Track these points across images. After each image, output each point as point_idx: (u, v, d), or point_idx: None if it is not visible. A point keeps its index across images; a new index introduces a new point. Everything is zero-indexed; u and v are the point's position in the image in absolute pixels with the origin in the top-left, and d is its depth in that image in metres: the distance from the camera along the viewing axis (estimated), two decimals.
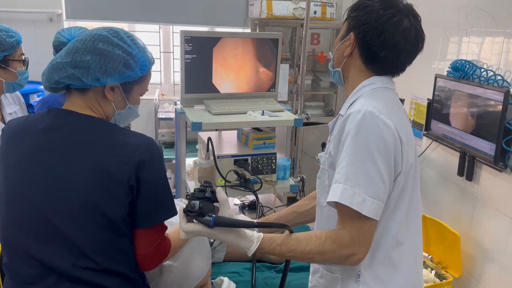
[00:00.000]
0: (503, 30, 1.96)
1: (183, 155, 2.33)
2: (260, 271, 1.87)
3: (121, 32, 1.19)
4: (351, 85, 1.23)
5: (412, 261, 1.19)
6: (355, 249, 1.05)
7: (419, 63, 1.25)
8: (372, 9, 1.15)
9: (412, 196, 1.17)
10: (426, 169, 2.56)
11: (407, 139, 1.11)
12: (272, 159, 2.32)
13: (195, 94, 2.30)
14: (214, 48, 2.26)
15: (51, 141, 1.14)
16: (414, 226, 1.20)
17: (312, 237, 1.08)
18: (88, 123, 1.17)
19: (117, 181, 1.10)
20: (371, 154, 1.04)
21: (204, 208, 1.06)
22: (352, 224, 1.05)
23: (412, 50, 1.17)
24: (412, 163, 1.14)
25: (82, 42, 1.16)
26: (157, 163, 1.16)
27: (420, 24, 1.19)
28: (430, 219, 2.33)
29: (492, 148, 1.95)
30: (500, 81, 1.93)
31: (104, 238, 1.12)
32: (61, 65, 1.16)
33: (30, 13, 3.38)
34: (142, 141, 1.15)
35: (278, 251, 1.09)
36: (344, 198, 1.04)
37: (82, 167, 1.11)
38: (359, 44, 1.17)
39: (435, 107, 2.37)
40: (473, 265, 2.18)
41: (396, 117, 1.11)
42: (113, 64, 1.15)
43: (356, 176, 1.04)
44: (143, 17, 3.63)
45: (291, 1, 3.29)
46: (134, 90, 1.24)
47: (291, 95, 3.34)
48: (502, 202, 1.99)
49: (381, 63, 1.17)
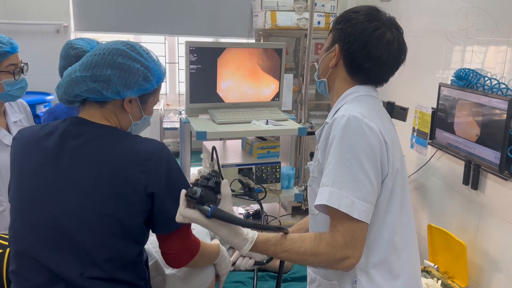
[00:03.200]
0: (507, 39, 1.96)
1: (188, 164, 2.34)
2: (264, 281, 1.87)
3: (137, 46, 1.23)
4: (336, 94, 1.27)
5: (410, 266, 1.19)
6: (348, 252, 1.05)
7: (423, 72, 1.28)
8: (356, 21, 1.19)
9: (403, 201, 1.18)
10: (431, 178, 2.55)
11: (391, 142, 1.13)
12: (276, 168, 2.33)
13: (200, 103, 2.32)
14: (219, 58, 2.28)
15: (67, 149, 1.16)
16: (409, 232, 1.20)
17: (306, 239, 1.08)
18: (103, 132, 1.19)
19: (134, 189, 1.12)
20: (357, 157, 1.06)
21: (205, 197, 1.03)
22: (344, 227, 1.05)
23: (395, 62, 1.21)
24: (399, 168, 1.15)
25: (101, 56, 1.18)
26: (172, 167, 1.17)
27: (403, 37, 1.22)
28: (435, 228, 2.31)
29: (497, 156, 1.94)
30: (504, 89, 1.93)
31: (118, 246, 1.13)
32: (81, 79, 1.17)
33: (37, 25, 3.43)
34: (155, 147, 1.17)
35: (272, 251, 1.09)
36: (331, 200, 1.05)
37: (99, 175, 1.12)
38: (343, 55, 1.21)
39: (440, 116, 2.37)
40: (479, 275, 2.16)
41: (380, 121, 1.13)
42: (133, 77, 1.18)
43: (343, 179, 1.06)
44: (149, 29, 3.68)
45: (295, 12, 3.32)
46: (150, 101, 1.28)
47: (296, 104, 3.36)
48: (508, 211, 1.97)
49: (365, 74, 1.21)
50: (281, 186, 2.39)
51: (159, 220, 1.17)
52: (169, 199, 1.15)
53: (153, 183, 1.13)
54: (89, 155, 1.14)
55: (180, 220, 1.07)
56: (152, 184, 1.13)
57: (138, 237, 1.17)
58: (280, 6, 3.30)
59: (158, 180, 1.14)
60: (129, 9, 3.58)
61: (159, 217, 1.17)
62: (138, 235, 1.16)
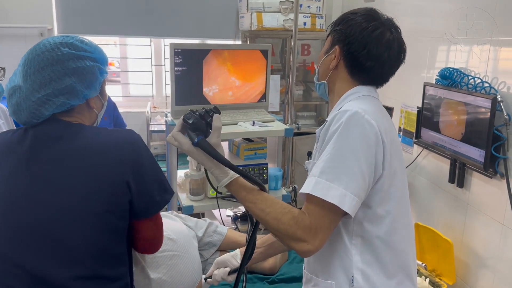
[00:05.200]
0: (489, 38, 1.98)
1: (174, 167, 2.32)
2: (252, 283, 1.86)
3: (75, 42, 1.19)
4: (336, 95, 1.27)
5: (407, 267, 1.20)
6: (308, 236, 1.04)
7: (408, 72, 1.29)
8: (355, 22, 1.20)
9: (401, 202, 1.18)
10: (417, 177, 2.56)
11: (391, 143, 1.13)
12: (263, 169, 2.32)
13: (186, 106, 2.30)
14: (204, 60, 2.27)
15: (40, 151, 1.14)
16: (407, 233, 1.21)
17: (278, 203, 1.09)
18: (73, 130, 1.17)
19: (110, 181, 1.11)
20: (354, 151, 1.06)
21: (197, 125, 1.09)
22: (315, 213, 1.05)
23: (395, 61, 1.23)
24: (397, 169, 1.15)
25: (50, 68, 1.14)
26: (144, 152, 1.18)
27: (401, 36, 1.24)
28: (422, 227, 2.33)
29: (481, 154, 1.96)
30: (488, 88, 1.95)
31: (102, 242, 1.12)
32: (45, 99, 1.14)
33: (20, 29, 3.39)
34: (125, 136, 1.17)
35: (242, 196, 1.12)
36: (316, 190, 1.05)
37: (75, 173, 1.11)
38: (344, 56, 1.22)
39: (425, 115, 2.39)
40: (467, 272, 2.17)
41: (381, 121, 1.13)
42: (91, 76, 1.18)
43: (335, 170, 1.05)
44: (135, 31, 3.65)
45: (281, 13, 3.32)
46: (104, 87, 1.28)
47: (283, 105, 3.36)
48: (494, 208, 1.99)
49: (367, 73, 1.22)
50: (269, 187, 2.38)
51: (138, 206, 1.16)
52: (144, 184, 1.15)
53: (127, 170, 1.12)
54: (62, 155, 1.13)
55: (171, 141, 1.15)
56: (127, 172, 1.12)
57: (122, 231, 1.16)
58: (266, 8, 3.30)
59: (132, 167, 1.13)
60: (114, 11, 3.55)
61: (139, 203, 1.16)
62: (121, 229, 1.15)
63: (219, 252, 1.91)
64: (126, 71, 3.93)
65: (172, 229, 1.64)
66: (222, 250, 1.89)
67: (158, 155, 3.76)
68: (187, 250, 1.57)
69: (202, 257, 1.82)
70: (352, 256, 1.14)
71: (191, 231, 1.78)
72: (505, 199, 1.89)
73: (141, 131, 3.66)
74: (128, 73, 3.93)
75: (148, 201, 1.17)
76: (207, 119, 1.12)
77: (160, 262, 1.46)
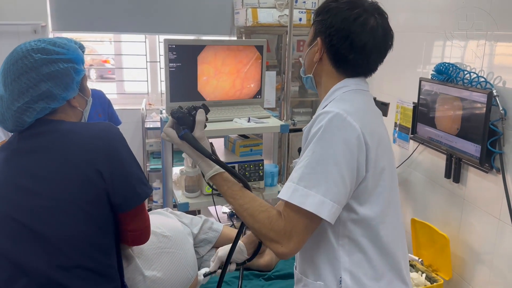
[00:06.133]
0: (485, 33, 1.98)
1: (170, 164, 2.31)
2: (248, 279, 1.85)
3: (46, 45, 1.20)
4: (324, 89, 1.22)
5: (397, 267, 1.17)
6: (281, 238, 1.03)
7: (403, 67, 1.26)
8: (337, 11, 1.13)
9: (390, 200, 1.14)
10: (413, 173, 2.56)
11: (378, 142, 1.09)
12: (259, 165, 2.31)
13: (180, 102, 2.28)
14: (199, 56, 2.25)
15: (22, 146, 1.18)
16: (396, 232, 1.17)
17: (257, 201, 1.10)
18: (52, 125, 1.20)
19: (85, 171, 1.13)
20: (334, 156, 1.02)
21: (183, 120, 1.16)
22: (290, 217, 1.03)
23: (381, 48, 1.15)
24: (385, 167, 1.12)
25: (25, 76, 1.16)
26: (119, 144, 1.19)
27: (387, 22, 1.16)
28: (419, 222, 2.32)
29: (477, 149, 1.95)
30: (483, 82, 1.94)
31: (83, 232, 1.13)
32: (24, 107, 1.16)
33: (14, 25, 3.35)
34: (100, 128, 1.19)
35: (224, 190, 1.15)
36: (294, 198, 1.02)
37: (51, 165, 1.13)
38: (327, 48, 1.16)
39: (421, 111, 2.38)
40: (463, 267, 2.17)
41: (366, 120, 1.09)
42: (67, 78, 1.20)
43: (314, 177, 1.02)
44: (129, 27, 3.62)
45: (276, 9, 3.31)
46: (85, 84, 1.30)
47: (279, 102, 3.34)
48: (490, 203, 1.99)
49: (351, 65, 1.16)
50: (265, 184, 2.37)
51: (118, 197, 1.18)
52: (121, 174, 1.17)
53: (100, 159, 1.14)
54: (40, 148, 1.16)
55: (163, 137, 1.20)
56: (99, 161, 1.14)
57: (102, 222, 1.17)
58: (261, 3, 3.28)
59: (105, 156, 1.15)
60: (108, 7, 3.52)
61: (118, 194, 1.17)
62: (102, 219, 1.17)
63: (215, 249, 1.90)
64: (121, 68, 3.90)
65: (167, 226, 1.63)
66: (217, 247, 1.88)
67: (154, 152, 3.74)
68: (182, 247, 1.56)
69: (197, 254, 1.81)
70: (340, 257, 1.12)
71: (186, 228, 1.77)
72: (501, 194, 1.89)
73: (136, 128, 3.64)
74: (123, 70, 3.91)
75: (128, 192, 1.18)
76: (192, 114, 1.18)
77: (154, 259, 1.45)
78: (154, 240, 1.50)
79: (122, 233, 1.26)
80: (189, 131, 1.16)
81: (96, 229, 1.15)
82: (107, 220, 1.18)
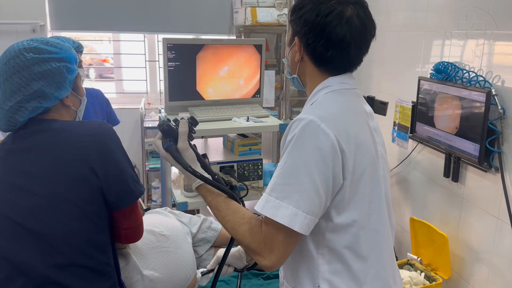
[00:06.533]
0: (484, 32, 1.98)
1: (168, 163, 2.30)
2: (247, 279, 1.85)
3: (38, 45, 1.20)
4: (309, 89, 1.17)
5: (379, 273, 1.12)
6: (263, 251, 1.01)
7: (402, 66, 1.24)
8: (310, 7, 1.08)
9: (371, 206, 1.09)
10: (412, 172, 2.56)
11: (355, 147, 1.04)
12: (258, 165, 2.31)
13: (179, 101, 2.28)
14: (198, 55, 2.25)
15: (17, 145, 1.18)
16: (378, 238, 1.12)
17: (239, 213, 1.09)
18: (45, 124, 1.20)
19: (79, 169, 1.13)
20: (306, 166, 0.99)
21: (168, 132, 1.18)
22: (268, 230, 1.01)
23: (361, 39, 1.08)
24: (365, 172, 1.07)
25: (17, 75, 1.16)
26: (112, 142, 1.19)
27: (366, 10, 1.10)
28: (418, 221, 2.33)
29: (476, 148, 1.95)
30: (482, 82, 1.94)
31: (79, 230, 1.13)
32: (17, 107, 1.17)
33: (12, 25, 3.35)
34: (93, 127, 1.19)
35: (208, 201, 1.15)
36: (266, 209, 1.00)
37: (46, 163, 1.13)
38: (304, 47, 1.11)
39: (420, 110, 2.38)
40: (462, 266, 2.18)
41: (343, 125, 1.04)
42: (59, 77, 1.20)
43: (286, 188, 0.99)
44: (128, 27, 3.62)
45: (275, 8, 3.30)
46: (79, 83, 1.29)
47: (278, 101, 3.34)
48: (488, 202, 1.99)
49: (332, 62, 1.10)
50: (264, 183, 2.37)
51: (113, 194, 1.18)
52: (114, 171, 1.17)
53: (92, 157, 1.15)
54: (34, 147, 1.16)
55: (153, 147, 1.23)
56: (92, 158, 1.14)
57: (97, 219, 1.17)
58: (260, 2, 3.28)
59: (98, 154, 1.15)
60: (107, 6, 3.52)
61: (113, 191, 1.18)
62: (96, 216, 1.17)
63: (213, 248, 1.90)
64: (119, 67, 3.90)
65: (166, 225, 1.63)
66: (216, 246, 1.88)
67: (153, 152, 3.74)
68: (181, 246, 1.56)
69: (196, 253, 1.81)
70: (319, 266, 1.08)
71: (185, 227, 1.77)
72: (500, 193, 1.89)
73: (135, 127, 3.64)
74: (122, 69, 3.91)
75: (123, 189, 1.19)
76: (178, 126, 1.19)
77: (152, 258, 1.45)
78: (153, 239, 1.50)
79: (115, 231, 1.26)
80: (174, 143, 1.17)
81: (92, 226, 1.16)
82: (102, 217, 1.19)
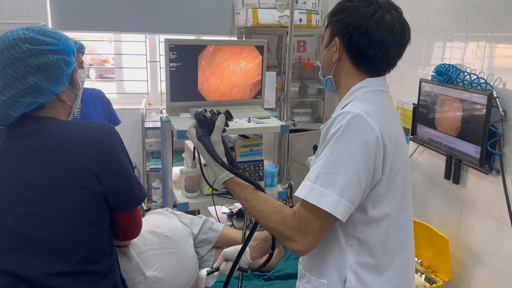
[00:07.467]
0: (485, 34, 1.98)
1: (170, 164, 2.31)
2: (248, 280, 1.85)
3: (35, 35, 1.13)
4: (344, 89, 1.21)
5: (403, 270, 1.17)
6: (297, 236, 1.04)
7: (404, 68, 1.25)
8: (352, 10, 1.14)
9: (402, 204, 1.15)
10: (413, 174, 2.56)
11: (395, 145, 1.09)
12: (259, 166, 2.31)
13: (181, 102, 2.29)
14: (199, 56, 2.25)
15: (12, 147, 1.12)
16: (405, 235, 1.18)
17: (269, 202, 1.11)
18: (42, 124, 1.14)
19: (83, 175, 1.09)
20: (352, 157, 1.03)
21: (204, 122, 1.19)
22: (305, 216, 1.04)
23: (400, 42, 1.17)
24: (400, 170, 1.12)
25: (11, 67, 1.09)
26: (115, 144, 1.16)
27: (403, 16, 1.18)
28: (418, 223, 2.33)
29: (477, 151, 1.95)
30: (484, 84, 1.95)
31: (82, 236, 1.10)
32: (10, 101, 1.10)
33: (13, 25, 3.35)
34: (97, 130, 1.15)
35: (237, 193, 1.16)
36: (310, 196, 1.04)
37: (45, 168, 1.08)
38: (346, 47, 1.16)
39: (421, 112, 2.38)
40: (462, 268, 2.18)
41: (385, 122, 1.09)
42: (57, 71, 1.13)
43: (332, 177, 1.03)
44: (129, 27, 3.62)
45: (276, 9, 3.31)
46: (75, 77, 1.23)
47: (279, 102, 3.34)
48: (489, 204, 1.99)
49: (372, 61, 1.16)
50: (265, 184, 2.37)
51: (116, 199, 1.15)
52: (118, 176, 1.14)
53: (95, 163, 1.10)
54: (32, 150, 1.10)
55: (187, 134, 1.23)
56: (95, 164, 1.10)
57: (101, 224, 1.14)
58: (261, 4, 3.28)
59: (101, 159, 1.11)
60: (108, 6, 3.52)
61: (116, 196, 1.15)
62: (99, 220, 1.14)
63: (215, 249, 1.90)
64: (120, 67, 3.90)
65: (168, 226, 1.63)
66: (218, 247, 1.88)
67: (153, 152, 3.74)
68: (183, 247, 1.56)
69: (198, 254, 1.81)
70: (347, 257, 1.12)
71: (186, 228, 1.77)
72: (500, 195, 1.89)
73: (136, 128, 3.64)
74: (123, 69, 3.91)
75: (127, 194, 1.17)
76: (214, 119, 1.20)
77: (155, 260, 1.45)
78: (156, 240, 1.50)
79: (114, 229, 1.23)
80: (208, 134, 1.19)
81: (95, 231, 1.13)
82: (104, 220, 1.16)
